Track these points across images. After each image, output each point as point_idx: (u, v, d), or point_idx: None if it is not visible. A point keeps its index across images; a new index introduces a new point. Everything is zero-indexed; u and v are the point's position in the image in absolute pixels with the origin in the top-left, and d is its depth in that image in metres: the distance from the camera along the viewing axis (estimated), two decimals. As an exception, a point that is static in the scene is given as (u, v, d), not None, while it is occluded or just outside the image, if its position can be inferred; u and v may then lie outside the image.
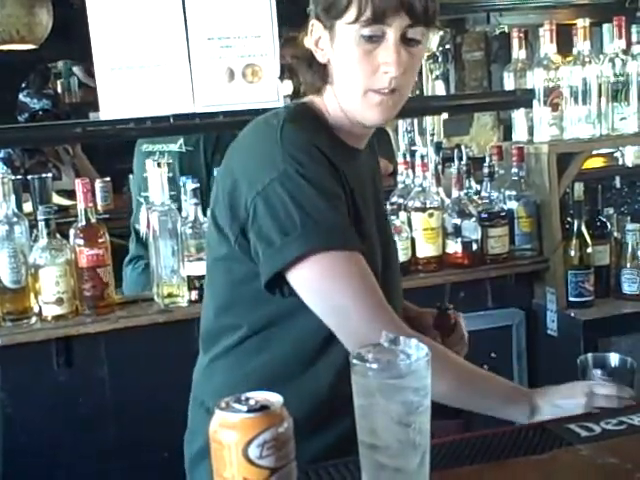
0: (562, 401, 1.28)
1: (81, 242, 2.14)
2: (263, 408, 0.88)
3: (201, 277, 2.06)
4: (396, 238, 2.43)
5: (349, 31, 1.30)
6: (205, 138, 2.63)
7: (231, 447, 0.86)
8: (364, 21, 1.27)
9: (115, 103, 2.30)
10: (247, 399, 0.89)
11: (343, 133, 1.41)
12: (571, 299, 2.61)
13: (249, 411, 0.87)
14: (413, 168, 2.63)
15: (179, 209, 2.29)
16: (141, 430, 2.22)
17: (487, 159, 2.71)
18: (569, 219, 2.65)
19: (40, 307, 2.16)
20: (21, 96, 5.01)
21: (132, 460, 2.23)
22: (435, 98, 4.74)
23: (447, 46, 6.90)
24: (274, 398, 0.90)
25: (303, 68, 1.43)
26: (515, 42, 2.81)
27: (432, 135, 4.42)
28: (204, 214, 2.16)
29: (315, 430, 1.36)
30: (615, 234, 2.76)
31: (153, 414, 2.20)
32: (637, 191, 3.46)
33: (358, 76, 1.32)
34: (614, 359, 1.38)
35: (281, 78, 1.58)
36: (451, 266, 2.56)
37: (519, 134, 2.82)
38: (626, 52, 2.66)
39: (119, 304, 2.25)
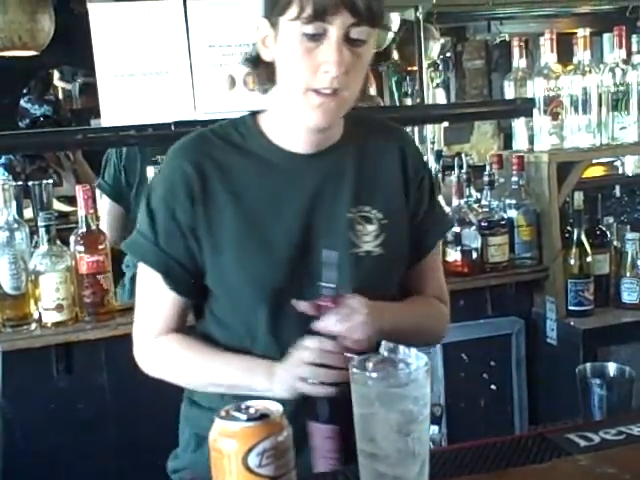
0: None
1: (81, 248, 2.14)
2: (263, 417, 0.88)
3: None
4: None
5: (292, 28, 1.28)
6: None
7: (231, 456, 0.86)
8: (305, 18, 1.25)
9: (116, 110, 2.31)
10: (247, 408, 0.90)
11: (280, 137, 1.40)
12: (571, 308, 2.61)
13: (249, 420, 0.87)
14: (413, 176, 2.63)
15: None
16: (141, 436, 2.22)
17: (487, 167, 2.71)
18: (569, 228, 2.65)
19: (40, 313, 2.16)
20: (22, 102, 5.02)
21: (132, 465, 2.22)
22: (435, 106, 4.74)
23: (448, 54, 6.92)
24: (274, 407, 0.90)
25: (249, 68, 1.42)
26: (516, 51, 2.82)
27: (432, 143, 4.44)
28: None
29: None
30: (615, 243, 2.76)
31: (152, 420, 2.20)
32: (637, 200, 3.46)
33: (299, 74, 1.30)
34: (613, 368, 1.38)
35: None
36: (451, 274, 2.55)
37: (519, 143, 2.83)
38: (626, 62, 2.67)
39: (119, 311, 2.24)
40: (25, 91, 5.18)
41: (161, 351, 1.47)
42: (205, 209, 1.36)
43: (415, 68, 4.90)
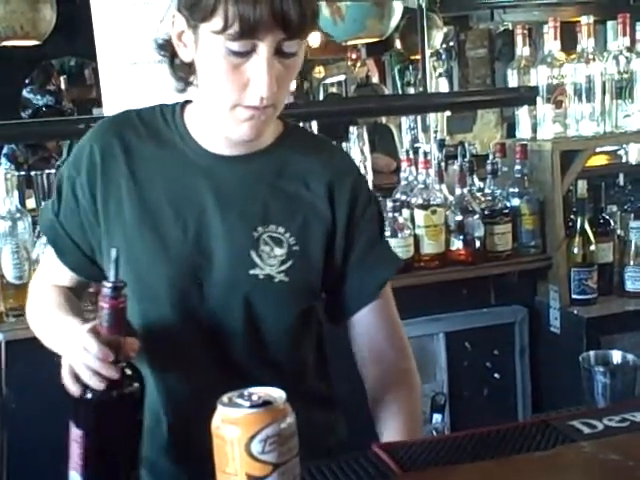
0: None
1: (84, 238, 2.15)
2: (266, 403, 0.88)
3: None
4: (399, 236, 2.43)
5: (215, 41, 1.14)
6: None
7: (234, 442, 0.86)
8: (231, 35, 1.11)
9: (118, 99, 2.30)
10: (250, 394, 0.89)
11: (200, 135, 1.32)
12: (574, 296, 2.61)
13: (252, 407, 0.87)
14: (416, 165, 2.63)
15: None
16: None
17: (490, 156, 2.71)
18: (572, 216, 2.65)
19: (43, 303, 2.16)
20: (24, 92, 5.03)
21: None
22: (438, 95, 4.73)
23: (451, 43, 6.90)
24: (277, 394, 0.90)
25: (167, 62, 1.30)
26: (519, 39, 2.81)
27: (435, 132, 4.41)
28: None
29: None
30: (618, 232, 2.76)
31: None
32: (641, 189, 3.45)
33: (226, 90, 1.18)
34: (616, 356, 1.38)
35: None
36: (454, 263, 2.55)
37: (523, 131, 2.82)
38: (630, 49, 2.66)
39: (122, 300, 2.24)
40: (27, 81, 5.19)
41: (32, 299, 1.45)
42: (104, 191, 1.30)
43: (418, 57, 4.89)
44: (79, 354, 1.10)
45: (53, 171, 2.62)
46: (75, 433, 1.07)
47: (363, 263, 1.37)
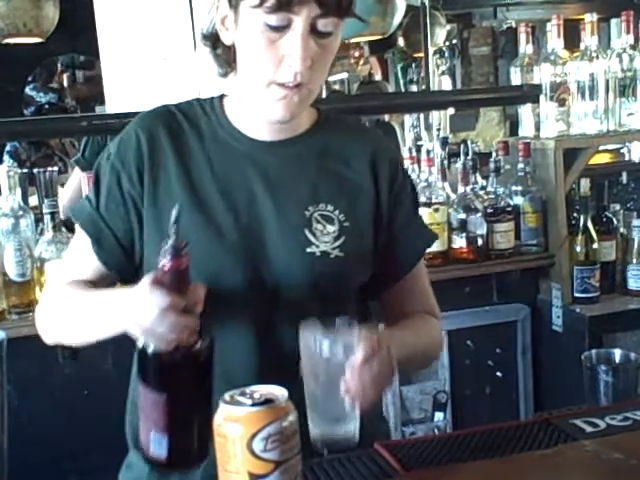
0: None
1: (87, 235, 2.15)
2: (268, 402, 0.88)
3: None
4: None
5: (253, 16, 1.19)
6: None
7: (235, 441, 0.86)
8: (268, 7, 1.16)
9: (121, 96, 2.31)
10: (252, 393, 0.90)
11: (241, 122, 1.35)
12: (576, 295, 2.61)
13: (254, 405, 0.87)
14: (419, 163, 2.63)
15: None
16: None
17: (493, 154, 2.71)
18: (575, 215, 2.64)
19: (46, 300, 2.17)
20: (27, 90, 5.03)
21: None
22: (441, 93, 4.73)
23: (454, 41, 6.88)
24: (279, 392, 0.90)
25: (208, 49, 1.34)
26: (522, 37, 2.80)
27: (438, 130, 4.41)
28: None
29: None
30: (621, 230, 2.75)
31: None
32: (644, 187, 3.45)
33: (261, 66, 1.22)
34: (619, 355, 1.38)
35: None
36: (456, 261, 2.55)
37: (525, 129, 2.82)
38: (634, 47, 2.65)
39: (124, 297, 2.24)
40: (30, 79, 5.19)
41: (50, 298, 1.40)
42: (152, 180, 1.30)
43: (421, 55, 4.88)
44: (158, 314, 1.05)
45: (56, 168, 2.63)
46: (152, 396, 1.04)
47: (405, 235, 1.42)
